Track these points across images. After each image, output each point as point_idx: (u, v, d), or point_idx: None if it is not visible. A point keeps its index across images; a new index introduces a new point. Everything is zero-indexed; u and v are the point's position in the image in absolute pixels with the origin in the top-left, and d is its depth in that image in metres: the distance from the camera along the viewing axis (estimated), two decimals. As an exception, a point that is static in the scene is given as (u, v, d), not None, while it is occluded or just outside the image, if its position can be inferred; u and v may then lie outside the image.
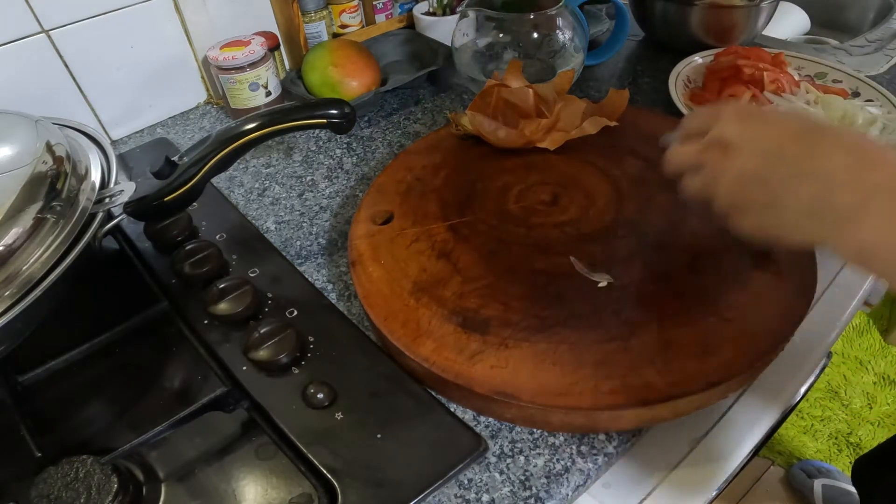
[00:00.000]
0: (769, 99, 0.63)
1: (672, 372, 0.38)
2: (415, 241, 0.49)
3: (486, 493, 0.37)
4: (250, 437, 0.40)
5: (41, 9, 0.60)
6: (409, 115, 0.72)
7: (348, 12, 0.82)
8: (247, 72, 0.68)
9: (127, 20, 0.66)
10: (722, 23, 0.75)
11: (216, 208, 0.58)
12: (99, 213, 0.43)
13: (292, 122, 0.49)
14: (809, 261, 0.45)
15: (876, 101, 0.64)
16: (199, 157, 0.49)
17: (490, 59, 0.69)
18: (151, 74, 0.71)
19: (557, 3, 0.65)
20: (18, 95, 0.63)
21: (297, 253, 0.55)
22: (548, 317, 0.42)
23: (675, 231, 0.48)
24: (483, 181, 0.55)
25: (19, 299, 0.37)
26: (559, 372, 0.39)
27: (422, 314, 0.43)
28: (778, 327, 0.40)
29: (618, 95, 0.61)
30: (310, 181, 0.63)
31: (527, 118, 0.60)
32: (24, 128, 0.45)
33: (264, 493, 0.37)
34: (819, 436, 1.34)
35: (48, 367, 0.45)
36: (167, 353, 0.46)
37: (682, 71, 0.71)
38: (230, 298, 0.46)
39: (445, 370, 0.39)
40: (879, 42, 0.80)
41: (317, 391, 0.40)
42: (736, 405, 0.45)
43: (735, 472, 0.43)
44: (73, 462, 0.35)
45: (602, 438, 0.39)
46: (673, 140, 0.42)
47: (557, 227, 0.49)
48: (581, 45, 0.68)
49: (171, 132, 0.74)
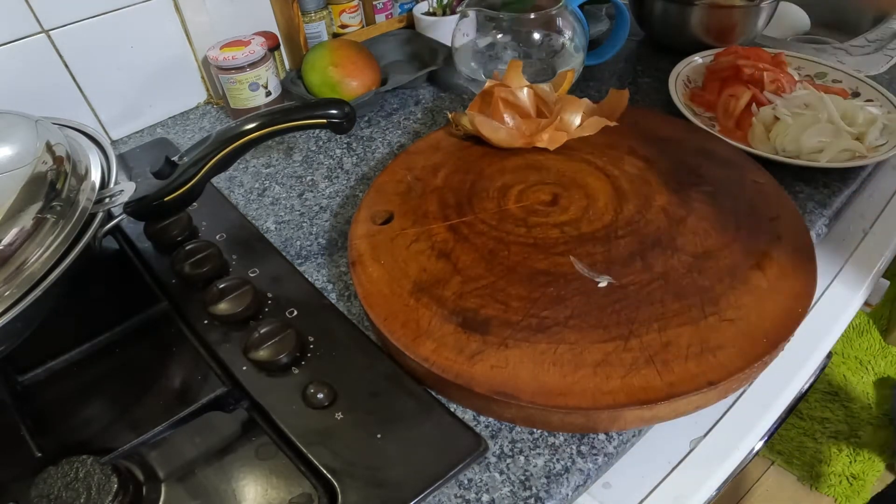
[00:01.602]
0: (769, 99, 0.63)
1: (672, 372, 0.38)
2: (415, 241, 0.49)
3: (486, 493, 0.37)
4: (250, 437, 0.40)
5: (41, 9, 0.60)
6: (409, 115, 0.72)
7: (348, 12, 0.82)
8: (247, 72, 0.68)
9: (127, 20, 0.66)
10: (722, 23, 0.75)
11: (216, 208, 0.58)
12: (99, 213, 0.43)
13: (292, 122, 0.49)
14: (809, 261, 0.45)
15: (876, 101, 0.64)
16: (199, 157, 0.49)
17: (490, 59, 0.69)
18: (151, 74, 0.71)
19: (557, 3, 0.65)
20: (18, 95, 0.63)
21: (297, 253, 0.55)
22: (548, 317, 0.42)
23: (674, 231, 0.48)
24: (483, 181, 0.55)
25: (19, 299, 0.37)
26: (559, 372, 0.39)
27: (422, 314, 0.43)
28: (778, 327, 0.40)
29: (618, 95, 0.61)
30: (310, 181, 0.63)
31: (527, 118, 0.60)
32: (24, 128, 0.45)
33: (264, 493, 0.37)
34: (819, 436, 1.33)
35: (48, 367, 0.45)
36: (167, 353, 0.46)
37: (682, 71, 0.71)
38: (230, 298, 0.46)
39: (445, 370, 0.39)
40: (879, 42, 0.80)
41: (317, 391, 0.40)
42: (736, 405, 0.45)
43: (735, 472, 0.43)
44: (73, 462, 0.35)
45: (602, 438, 0.39)
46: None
47: (557, 227, 0.49)
48: (581, 45, 0.68)
49: (171, 132, 0.74)
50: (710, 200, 0.51)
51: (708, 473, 0.42)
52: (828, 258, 0.56)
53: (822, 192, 0.57)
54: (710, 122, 0.64)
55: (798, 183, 0.58)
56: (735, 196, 0.51)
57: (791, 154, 0.58)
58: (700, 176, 0.53)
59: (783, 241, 0.46)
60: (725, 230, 0.48)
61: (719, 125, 0.63)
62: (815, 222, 0.54)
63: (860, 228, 0.60)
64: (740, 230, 0.48)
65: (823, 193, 0.56)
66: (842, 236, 0.59)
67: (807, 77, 0.70)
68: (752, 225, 0.48)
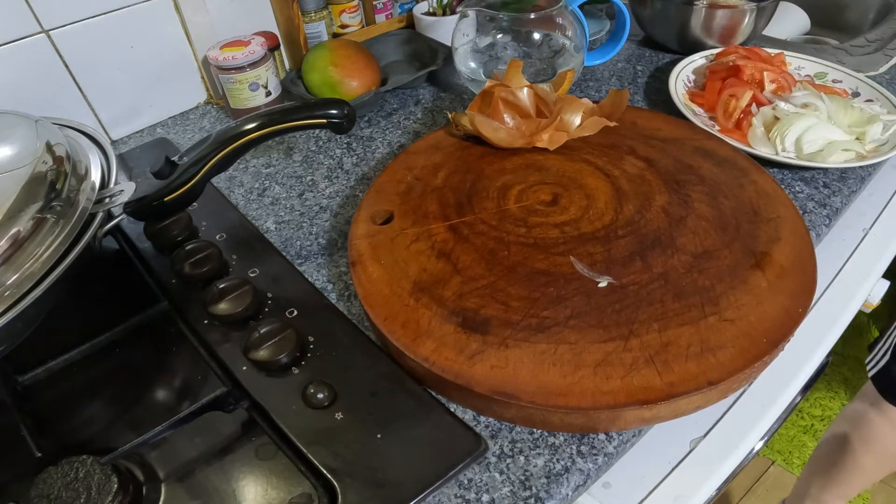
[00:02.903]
0: (769, 99, 0.63)
1: (672, 372, 0.38)
2: (415, 241, 0.49)
3: (486, 493, 0.37)
4: (250, 437, 0.40)
5: (41, 9, 0.60)
6: (409, 115, 0.72)
7: (348, 12, 0.82)
8: (247, 72, 0.68)
9: (127, 20, 0.66)
10: (722, 23, 0.75)
11: (216, 208, 0.58)
12: (99, 213, 0.43)
13: (292, 122, 0.49)
14: (809, 261, 0.45)
15: (876, 101, 0.65)
16: (199, 157, 0.49)
17: (490, 59, 0.69)
18: (151, 74, 0.71)
19: (557, 3, 0.65)
20: (18, 95, 0.63)
21: (297, 253, 0.55)
22: (548, 317, 0.42)
23: (674, 231, 0.48)
24: (483, 181, 0.55)
25: (19, 299, 0.37)
26: (559, 372, 0.39)
27: (422, 314, 0.43)
28: (778, 327, 0.40)
29: (618, 95, 0.61)
30: (310, 181, 0.63)
31: (527, 118, 0.60)
32: (24, 128, 0.45)
33: (264, 493, 0.37)
34: (819, 436, 1.33)
35: (48, 367, 0.45)
36: (167, 353, 0.46)
37: (682, 71, 0.71)
38: (230, 298, 0.46)
39: (445, 370, 0.39)
40: (879, 42, 0.80)
41: (317, 391, 0.40)
42: (736, 405, 0.45)
43: (735, 472, 0.43)
44: (73, 462, 0.35)
45: (602, 438, 0.39)
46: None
47: (557, 227, 0.49)
48: (581, 45, 0.68)
49: (171, 132, 0.74)
50: (710, 200, 0.51)
51: (708, 473, 0.42)
52: (828, 258, 0.56)
53: (822, 192, 0.57)
54: (710, 122, 0.64)
55: (798, 183, 0.58)
56: (735, 196, 0.51)
57: (791, 154, 0.58)
58: (700, 176, 0.53)
59: (783, 241, 0.46)
60: (725, 230, 0.48)
61: (719, 125, 0.63)
62: (815, 222, 0.54)
63: (860, 228, 0.60)
64: (740, 230, 0.48)
65: (823, 193, 0.56)
66: (842, 236, 0.59)
67: (807, 77, 0.70)
68: (752, 225, 0.48)
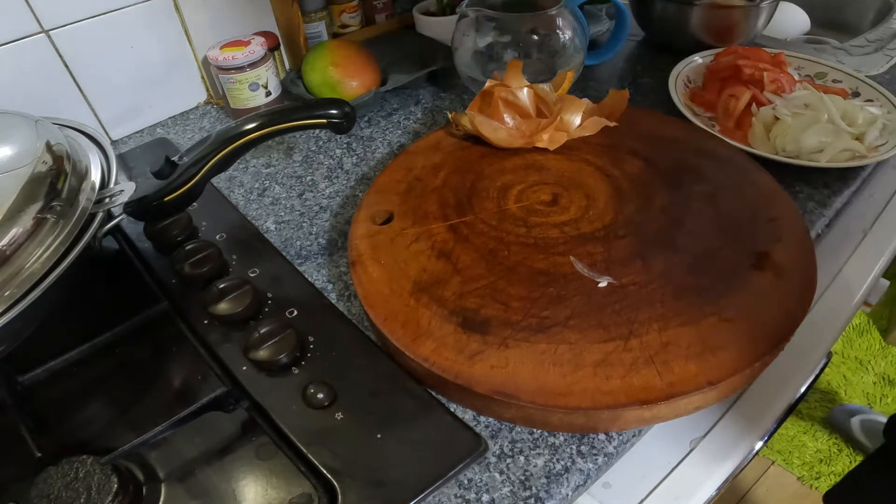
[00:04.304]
0: (769, 99, 0.63)
1: (672, 372, 0.38)
2: (415, 241, 0.49)
3: (486, 493, 0.37)
4: (250, 437, 0.40)
5: (41, 9, 0.60)
6: (409, 115, 0.72)
7: (348, 12, 0.82)
8: (247, 72, 0.68)
9: (127, 20, 0.66)
10: (722, 23, 0.75)
11: (216, 208, 0.58)
12: (99, 213, 0.43)
13: (292, 122, 0.49)
14: (809, 261, 0.45)
15: (876, 101, 0.64)
16: (199, 157, 0.49)
17: (490, 59, 0.69)
18: (151, 74, 0.71)
19: (557, 3, 0.65)
20: (18, 95, 0.62)
21: (297, 253, 0.55)
22: (548, 317, 0.42)
23: (674, 231, 0.48)
24: (483, 181, 0.55)
25: (19, 299, 0.37)
26: (559, 372, 0.39)
27: (422, 314, 0.43)
28: (778, 327, 0.40)
29: (618, 95, 0.61)
30: (310, 181, 0.63)
31: (527, 118, 0.60)
32: (24, 128, 0.45)
33: (264, 493, 0.37)
34: (819, 436, 1.34)
35: (48, 367, 0.45)
36: (167, 353, 0.46)
37: (682, 71, 0.71)
38: (230, 298, 0.46)
39: (445, 370, 0.39)
40: (879, 42, 0.80)
41: (317, 391, 0.40)
42: (736, 405, 0.45)
43: (735, 472, 0.43)
44: (73, 462, 0.35)
45: (602, 438, 0.39)
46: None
47: (557, 227, 0.49)
48: (581, 45, 0.68)
49: (171, 132, 0.74)
50: (710, 200, 0.51)
51: (708, 473, 0.42)
52: (828, 258, 0.56)
53: (822, 192, 0.57)
54: (710, 122, 0.64)
55: (798, 183, 0.58)
56: (735, 196, 0.51)
57: (791, 154, 0.58)
58: (700, 176, 0.53)
59: (783, 241, 0.46)
60: (725, 230, 0.48)
61: (719, 125, 0.63)
62: (815, 222, 0.54)
63: (860, 228, 0.60)
64: (740, 230, 0.48)
65: (823, 193, 0.56)
66: (842, 236, 0.59)
67: (807, 77, 0.70)
68: (752, 225, 0.48)
